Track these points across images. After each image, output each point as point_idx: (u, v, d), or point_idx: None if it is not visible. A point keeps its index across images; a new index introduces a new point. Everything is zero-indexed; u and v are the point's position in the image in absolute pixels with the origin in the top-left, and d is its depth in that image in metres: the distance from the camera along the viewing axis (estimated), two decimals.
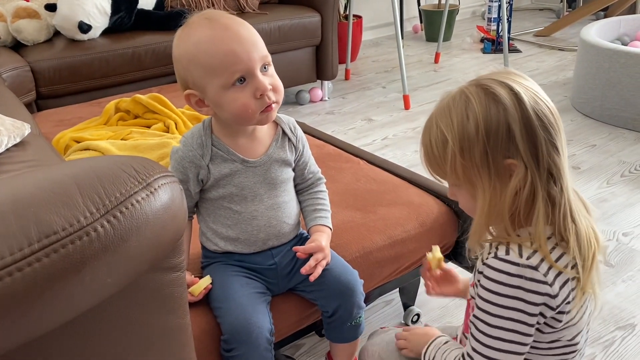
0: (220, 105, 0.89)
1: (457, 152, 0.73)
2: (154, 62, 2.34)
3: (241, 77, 0.87)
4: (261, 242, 0.98)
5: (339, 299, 1.00)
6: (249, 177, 0.96)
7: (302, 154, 1.03)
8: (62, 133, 1.60)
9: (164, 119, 1.71)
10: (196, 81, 0.89)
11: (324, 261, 0.98)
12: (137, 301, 0.62)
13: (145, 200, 0.55)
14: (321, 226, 1.02)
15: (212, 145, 0.95)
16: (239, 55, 0.86)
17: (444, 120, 0.75)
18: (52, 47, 2.27)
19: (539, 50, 3.70)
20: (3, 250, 0.46)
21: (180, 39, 0.90)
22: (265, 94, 0.88)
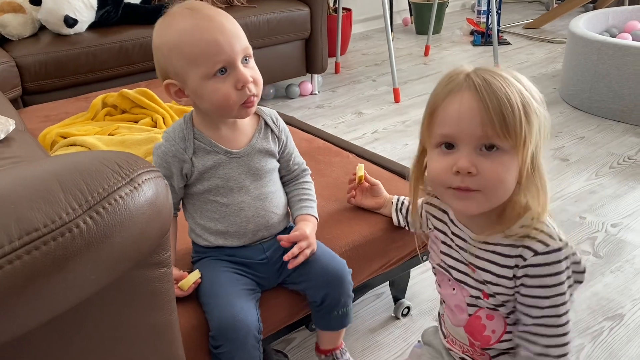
0: (201, 96, 0.89)
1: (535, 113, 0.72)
2: (142, 56, 2.32)
3: (223, 67, 0.87)
4: (251, 233, 0.98)
5: (327, 288, 1.00)
6: (233, 168, 0.95)
7: (286, 145, 1.03)
8: (48, 129, 1.58)
9: (152, 113, 1.69)
10: (177, 70, 0.89)
11: (307, 250, 0.98)
12: (123, 297, 0.62)
13: (128, 195, 0.54)
14: (306, 215, 1.02)
15: (194, 138, 0.94)
16: (222, 45, 0.86)
17: (512, 85, 0.72)
18: (37, 41, 2.25)
19: (528, 42, 3.70)
20: None
21: (162, 27, 0.90)
22: (247, 85, 0.89)
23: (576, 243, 1.65)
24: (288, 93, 2.92)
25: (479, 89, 0.71)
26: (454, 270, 0.84)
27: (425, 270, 1.52)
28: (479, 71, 0.74)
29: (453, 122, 0.73)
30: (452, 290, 0.85)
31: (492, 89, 0.71)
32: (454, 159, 0.73)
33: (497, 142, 0.71)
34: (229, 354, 0.90)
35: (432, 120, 0.76)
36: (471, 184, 0.72)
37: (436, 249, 0.87)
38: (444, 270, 0.86)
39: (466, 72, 0.75)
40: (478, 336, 0.83)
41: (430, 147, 0.77)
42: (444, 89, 0.75)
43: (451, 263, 0.84)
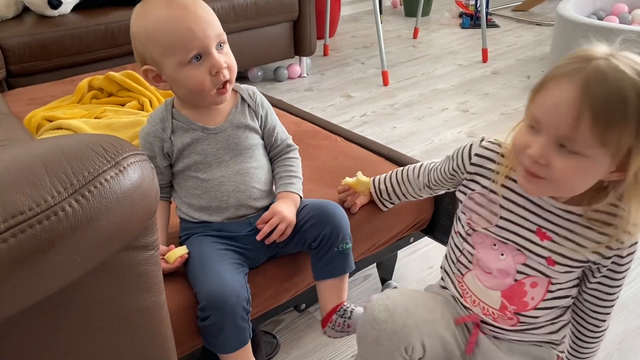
0: (176, 82, 0.93)
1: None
2: (128, 38, 2.21)
3: (197, 54, 0.91)
4: (233, 208, 0.99)
5: (323, 225, 1.00)
6: (211, 144, 0.98)
7: (266, 120, 1.04)
8: (33, 112, 1.57)
9: (138, 96, 1.68)
10: (154, 57, 0.92)
11: (282, 224, 0.98)
12: (110, 280, 0.62)
13: (114, 178, 0.54)
14: (284, 193, 1.03)
15: (172, 118, 0.99)
16: (196, 33, 0.90)
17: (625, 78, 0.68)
18: (21, 23, 2.21)
19: (517, 25, 3.70)
20: None
21: (139, 15, 0.93)
22: (221, 71, 0.92)
23: None
24: (276, 76, 2.90)
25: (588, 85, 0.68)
26: (515, 235, 0.83)
27: (412, 252, 1.53)
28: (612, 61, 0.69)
29: (546, 110, 0.72)
30: (500, 256, 0.85)
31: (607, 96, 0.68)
32: (532, 141, 0.73)
33: (576, 147, 0.70)
34: (218, 325, 0.90)
35: (534, 97, 0.75)
36: (538, 171, 0.73)
37: (487, 213, 0.85)
38: (495, 234, 0.85)
39: (596, 57, 0.70)
40: (517, 301, 0.85)
41: (525, 118, 0.77)
42: (563, 63, 0.73)
43: (513, 228, 0.83)
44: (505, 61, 3.01)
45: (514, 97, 2.58)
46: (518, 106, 2.49)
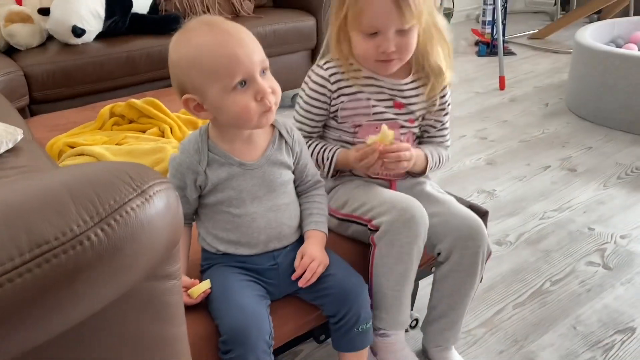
0: (221, 109, 0.90)
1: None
2: (149, 66, 2.33)
3: (242, 80, 0.88)
4: (262, 244, 0.98)
5: (345, 303, 0.99)
6: (247, 179, 0.96)
7: (300, 157, 1.03)
8: (56, 138, 1.58)
9: (159, 123, 1.70)
10: (196, 85, 0.89)
11: (320, 267, 0.97)
12: (132, 310, 0.61)
13: (140, 207, 0.54)
14: (314, 231, 1.02)
15: (208, 150, 0.95)
16: (241, 59, 0.87)
17: None
18: (45, 51, 2.26)
19: (533, 52, 3.70)
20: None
21: (179, 43, 0.90)
22: (266, 97, 0.90)
23: (585, 254, 1.63)
24: (294, 103, 2.91)
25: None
26: (384, 114, 1.12)
27: None
28: None
29: (378, 17, 1.01)
30: (376, 129, 1.09)
31: None
32: (378, 41, 1.03)
33: (408, 26, 1.02)
34: (239, 359, 0.88)
35: (358, 11, 1.02)
36: (391, 57, 1.05)
37: (363, 109, 1.12)
38: (373, 120, 1.12)
39: None
40: None
41: (356, 31, 1.05)
42: None
43: (381, 109, 1.12)
44: (522, 89, 3.00)
45: (533, 125, 2.56)
46: (537, 133, 2.47)
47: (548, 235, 1.73)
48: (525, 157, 2.26)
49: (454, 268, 1.10)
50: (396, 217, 1.01)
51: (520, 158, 2.25)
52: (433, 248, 1.11)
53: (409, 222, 1.01)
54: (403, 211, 1.01)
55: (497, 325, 1.38)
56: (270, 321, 0.93)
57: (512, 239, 1.72)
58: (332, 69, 1.12)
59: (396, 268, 1.03)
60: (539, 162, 2.21)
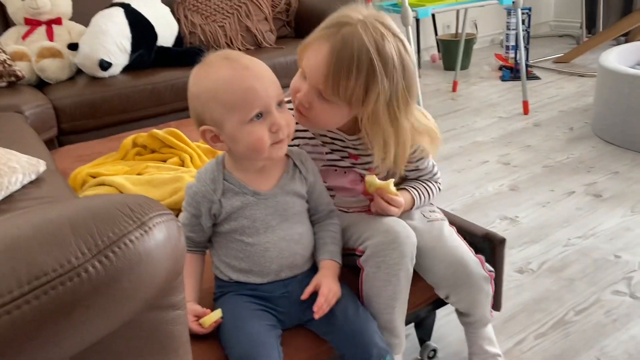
0: (236, 139, 0.92)
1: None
2: (173, 97, 2.39)
3: (259, 112, 0.91)
4: (274, 273, 0.99)
5: (355, 343, 0.98)
6: (260, 209, 0.97)
7: (314, 187, 1.04)
8: (79, 169, 1.63)
9: (180, 153, 1.73)
10: (214, 117, 0.92)
11: (333, 298, 0.97)
12: (135, 340, 0.62)
13: (138, 239, 0.55)
14: (328, 261, 1.02)
15: (224, 179, 0.98)
16: (259, 92, 0.90)
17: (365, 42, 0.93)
18: (74, 84, 2.34)
19: (558, 76, 3.67)
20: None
21: (199, 76, 0.93)
22: (281, 129, 0.92)
23: (611, 283, 1.58)
24: None
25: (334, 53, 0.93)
26: (340, 161, 1.10)
27: (452, 310, 1.48)
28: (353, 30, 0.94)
29: (308, 65, 0.97)
30: (343, 174, 1.11)
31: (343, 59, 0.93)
32: (302, 86, 0.99)
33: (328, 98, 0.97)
34: None
35: (302, 50, 1.00)
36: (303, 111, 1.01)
37: (317, 155, 1.10)
38: (331, 166, 1.10)
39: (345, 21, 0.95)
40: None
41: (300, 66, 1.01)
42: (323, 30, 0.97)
43: (337, 157, 1.10)
44: (547, 113, 2.97)
45: (557, 149, 2.52)
46: (561, 158, 2.43)
47: (572, 263, 1.69)
48: (549, 182, 2.22)
49: (457, 303, 1.14)
50: (380, 239, 1.01)
51: (544, 183, 2.21)
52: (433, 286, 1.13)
53: (393, 243, 1.00)
54: (386, 233, 1.01)
55: (517, 356, 1.34)
56: (280, 351, 0.93)
57: (534, 267, 1.68)
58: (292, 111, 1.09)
59: (385, 290, 1.02)
60: (563, 187, 2.17)
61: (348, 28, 0.93)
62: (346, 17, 0.95)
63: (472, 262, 1.08)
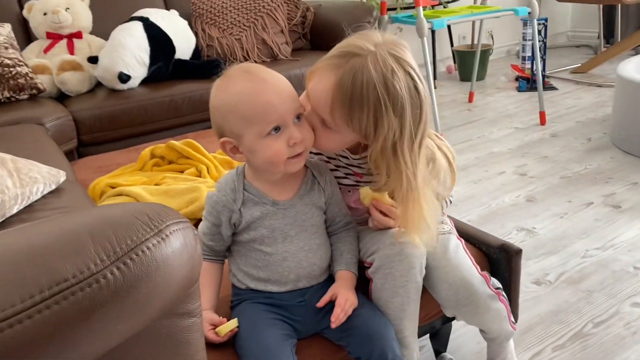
0: (254, 152, 0.94)
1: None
2: (191, 109, 2.42)
3: (277, 126, 0.92)
4: (292, 283, 1.00)
5: (371, 345, 0.97)
6: (279, 218, 0.98)
7: (332, 198, 1.05)
8: (98, 179, 1.65)
9: (196, 163, 1.75)
10: (233, 129, 0.93)
11: (350, 308, 0.97)
12: (151, 347, 0.63)
13: (156, 246, 0.56)
14: (345, 272, 1.02)
15: (244, 189, 0.99)
16: (277, 106, 0.91)
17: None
18: (93, 97, 2.38)
19: (576, 87, 3.64)
20: (14, 298, 0.47)
21: (220, 89, 0.95)
22: (298, 143, 0.93)
23: (630, 295, 1.56)
24: None
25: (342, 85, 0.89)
26: (345, 179, 1.09)
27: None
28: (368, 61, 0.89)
29: (313, 95, 0.94)
30: (348, 192, 1.10)
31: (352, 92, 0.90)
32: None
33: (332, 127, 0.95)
34: None
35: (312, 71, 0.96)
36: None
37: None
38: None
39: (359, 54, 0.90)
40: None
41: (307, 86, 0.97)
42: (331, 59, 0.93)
43: (342, 175, 1.09)
44: (564, 124, 2.95)
45: (575, 160, 2.50)
46: (579, 169, 2.40)
47: (590, 274, 1.67)
48: (567, 193, 2.20)
49: (467, 321, 1.13)
50: (387, 252, 1.00)
51: (562, 195, 2.19)
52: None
53: (399, 255, 0.99)
54: (392, 245, 1.00)
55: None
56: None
57: (551, 279, 1.66)
58: None
59: (393, 302, 1.02)
60: (581, 198, 2.15)
61: (357, 60, 0.89)
62: (357, 47, 0.90)
63: (476, 282, 1.06)
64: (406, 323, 1.04)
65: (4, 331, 0.46)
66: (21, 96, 2.26)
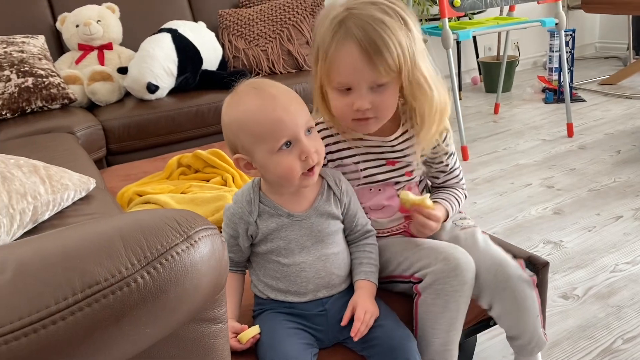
0: (267, 168, 0.94)
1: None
2: (217, 118, 2.40)
3: (287, 141, 0.92)
4: (311, 293, 1.00)
5: (393, 357, 0.97)
6: (295, 230, 0.99)
7: (349, 207, 1.05)
8: (126, 187, 1.69)
9: (222, 172, 1.77)
10: (245, 146, 0.94)
11: (371, 320, 0.97)
12: (178, 351, 0.63)
13: (185, 252, 0.57)
14: (364, 281, 1.02)
15: (259, 201, 0.99)
16: (286, 122, 0.91)
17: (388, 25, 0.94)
18: (122, 106, 2.43)
19: (604, 99, 3.58)
20: (49, 300, 0.49)
21: (230, 106, 0.96)
22: (310, 156, 0.93)
23: None
24: None
25: (361, 43, 0.92)
26: (377, 175, 1.09)
27: (494, 335, 1.45)
28: (355, 15, 0.93)
29: (348, 73, 0.95)
30: (378, 191, 1.11)
31: (372, 38, 0.92)
32: (352, 98, 0.97)
33: (383, 82, 0.96)
34: None
35: (328, 67, 0.96)
36: (367, 115, 0.98)
37: (352, 174, 1.09)
38: (366, 184, 1.10)
39: (341, 17, 0.94)
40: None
41: (330, 88, 0.99)
42: (329, 37, 0.95)
43: (373, 171, 1.09)
44: (592, 136, 2.90)
45: (604, 173, 2.46)
46: (608, 182, 2.36)
47: (620, 289, 1.63)
48: (595, 206, 2.16)
49: (503, 311, 1.07)
50: (441, 267, 0.99)
51: (590, 208, 2.16)
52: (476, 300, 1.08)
53: (455, 270, 0.98)
54: (447, 260, 0.99)
55: None
56: None
57: (579, 293, 1.63)
58: (322, 132, 1.08)
59: (442, 317, 1.01)
60: (609, 211, 2.11)
61: (350, 18, 0.94)
62: (336, 15, 0.96)
63: (512, 265, 1.05)
64: (452, 336, 1.03)
65: (38, 332, 0.48)
66: (53, 106, 2.32)
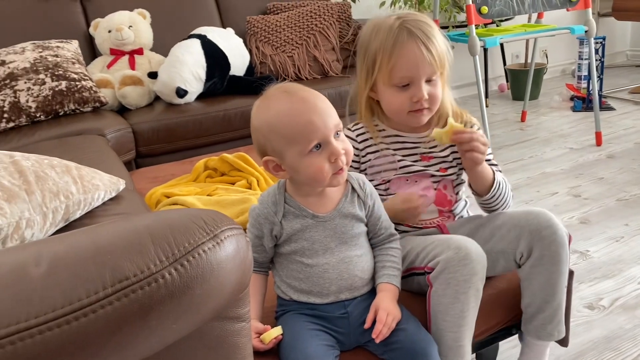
0: (297, 170, 0.96)
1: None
2: (243, 123, 2.48)
3: (318, 144, 0.94)
4: (333, 294, 1.01)
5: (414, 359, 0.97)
6: (319, 231, 1.00)
7: (373, 210, 1.06)
8: (154, 189, 1.72)
9: (247, 176, 1.80)
10: (275, 148, 0.96)
11: (393, 322, 0.97)
12: (202, 348, 0.65)
13: (211, 250, 0.58)
14: (386, 284, 1.03)
15: (285, 202, 1.01)
16: (317, 125, 0.93)
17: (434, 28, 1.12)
18: (152, 110, 2.48)
19: (635, 107, 3.52)
20: (81, 293, 0.51)
21: (260, 110, 0.98)
22: (339, 158, 0.95)
23: None
24: None
25: (422, 41, 1.07)
26: (411, 166, 1.17)
27: (516, 344, 1.43)
28: (409, 22, 1.09)
29: (410, 67, 1.08)
30: (414, 182, 1.18)
31: (428, 36, 1.08)
32: (411, 92, 1.10)
33: (434, 77, 1.10)
34: None
35: (391, 67, 1.08)
36: (424, 106, 1.11)
37: (389, 165, 1.17)
38: (402, 174, 1.17)
39: (398, 24, 1.09)
40: (445, 202, 1.20)
41: (388, 86, 1.11)
42: (392, 40, 1.08)
43: (408, 163, 1.17)
44: (622, 145, 2.85)
45: (633, 182, 2.41)
46: (637, 192, 2.32)
47: None
48: (623, 216, 2.13)
49: (537, 263, 1.08)
50: (451, 255, 1.00)
51: (618, 217, 2.12)
52: (514, 255, 1.10)
53: (465, 259, 0.99)
54: (457, 249, 1.00)
55: None
56: None
57: (605, 303, 1.61)
58: (359, 130, 1.20)
59: (453, 308, 1.01)
60: (638, 222, 2.07)
61: (407, 23, 1.09)
62: (392, 24, 1.10)
63: (552, 216, 1.09)
64: (464, 331, 1.03)
65: (70, 323, 0.50)
66: (85, 109, 2.38)
